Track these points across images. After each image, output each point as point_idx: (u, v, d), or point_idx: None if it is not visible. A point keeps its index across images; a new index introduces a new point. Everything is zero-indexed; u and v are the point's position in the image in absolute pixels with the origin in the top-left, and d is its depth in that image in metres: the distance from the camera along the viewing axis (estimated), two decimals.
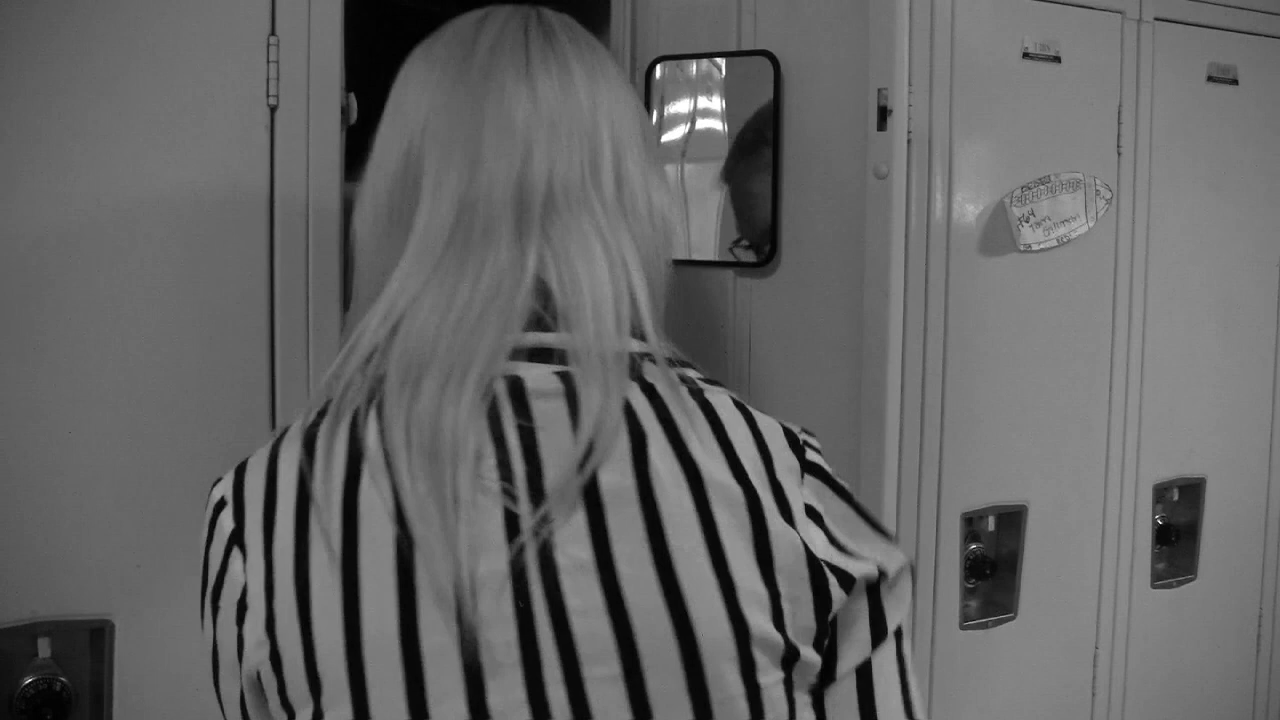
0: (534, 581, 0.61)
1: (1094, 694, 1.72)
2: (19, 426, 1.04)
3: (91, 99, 1.05)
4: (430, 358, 0.64)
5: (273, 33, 1.10)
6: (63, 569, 1.06)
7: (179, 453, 1.09)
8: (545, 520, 0.61)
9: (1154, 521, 1.76)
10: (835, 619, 0.67)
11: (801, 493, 0.68)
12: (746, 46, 1.37)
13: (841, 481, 0.71)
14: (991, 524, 1.63)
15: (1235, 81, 1.75)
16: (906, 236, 1.47)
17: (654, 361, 0.69)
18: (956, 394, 1.55)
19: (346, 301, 1.17)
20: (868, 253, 1.40)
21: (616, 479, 0.63)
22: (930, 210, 1.51)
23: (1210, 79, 1.73)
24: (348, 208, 1.15)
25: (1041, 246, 1.59)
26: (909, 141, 1.45)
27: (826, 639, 0.67)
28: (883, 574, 0.69)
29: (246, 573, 0.64)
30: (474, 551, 0.61)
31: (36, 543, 1.05)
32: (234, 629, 0.64)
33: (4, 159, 1.03)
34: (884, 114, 1.30)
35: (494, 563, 0.61)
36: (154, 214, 1.08)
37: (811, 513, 0.68)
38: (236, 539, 0.65)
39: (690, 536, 0.63)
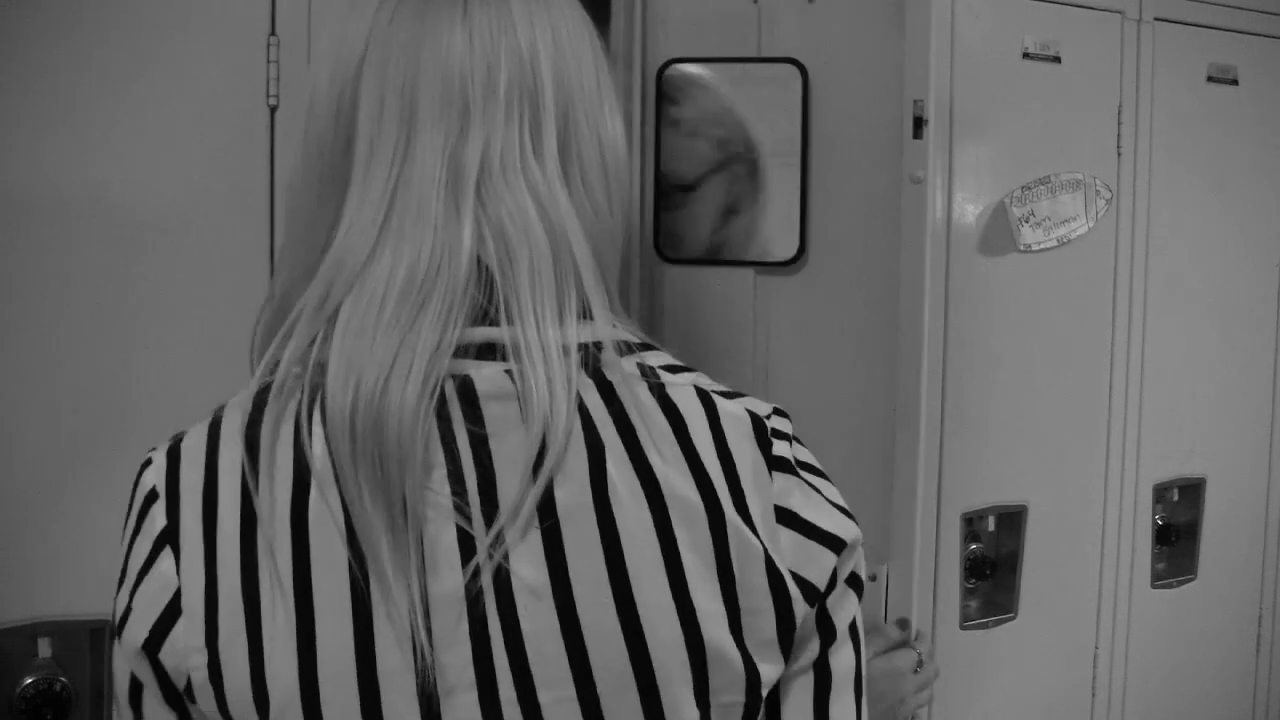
0: (489, 604, 0.59)
1: (1094, 694, 1.72)
2: (19, 427, 1.04)
3: (92, 99, 1.05)
4: (368, 354, 0.59)
5: (273, 33, 1.10)
6: (63, 569, 1.06)
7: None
8: (499, 540, 0.59)
9: (1154, 521, 1.76)
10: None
11: (770, 493, 0.64)
12: (764, 53, 1.37)
13: (811, 462, 0.68)
14: (991, 524, 1.63)
15: (1235, 81, 1.75)
16: (929, 238, 1.46)
17: (612, 350, 0.64)
18: (956, 394, 1.55)
19: None
20: (904, 255, 1.42)
21: (573, 496, 0.60)
22: (930, 210, 1.51)
23: (1210, 79, 1.73)
24: None
25: (1041, 246, 1.59)
26: (929, 135, 1.44)
27: (786, 655, 0.64)
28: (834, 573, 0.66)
29: (181, 576, 0.61)
30: (428, 571, 0.59)
31: (36, 543, 1.05)
32: (147, 626, 0.61)
33: (4, 159, 1.03)
34: (919, 123, 1.37)
35: (448, 583, 0.59)
36: (154, 214, 1.08)
37: (781, 514, 0.64)
38: (169, 538, 0.61)
39: (648, 556, 0.60)
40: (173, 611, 0.60)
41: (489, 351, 0.62)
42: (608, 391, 0.63)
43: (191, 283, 1.09)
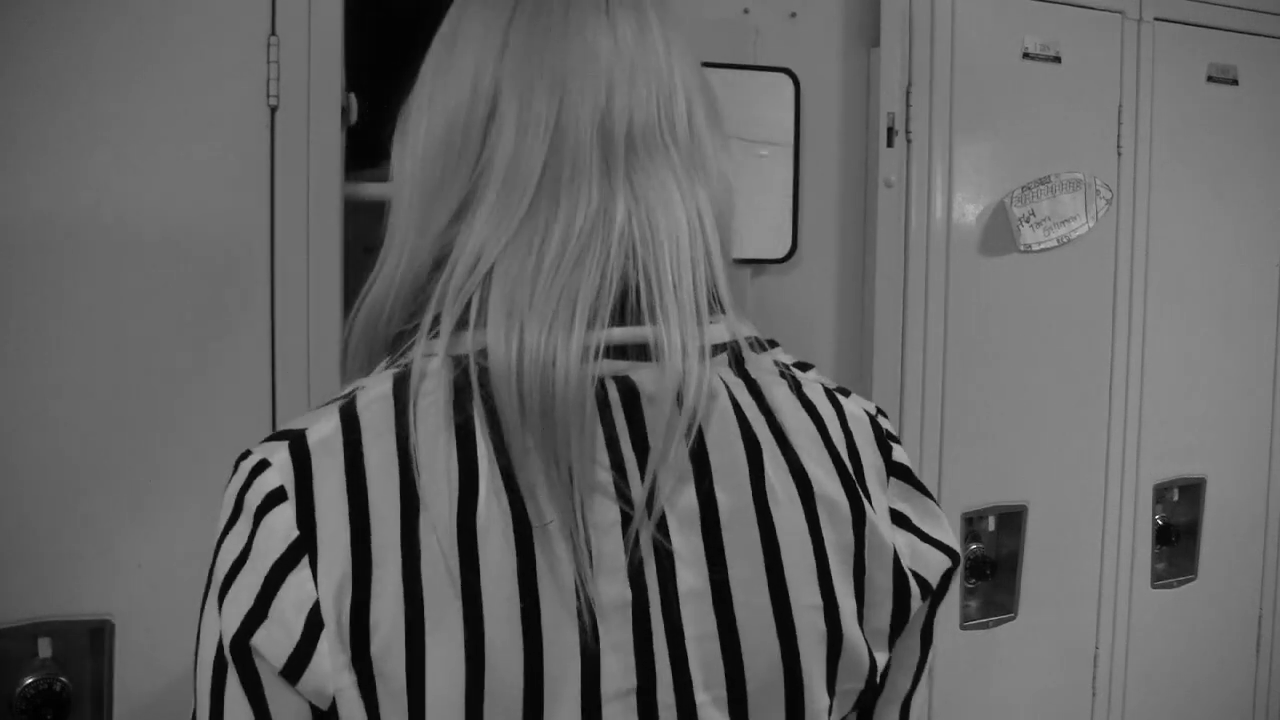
0: (654, 605, 0.59)
1: (1094, 694, 1.72)
2: (19, 427, 1.04)
3: (92, 99, 1.05)
4: (529, 306, 0.59)
5: (273, 33, 1.10)
6: (63, 569, 1.06)
7: (179, 453, 1.09)
8: (664, 535, 0.60)
9: (1154, 521, 1.76)
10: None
11: (887, 497, 0.68)
12: (756, 61, 1.41)
13: (912, 468, 0.72)
14: (991, 524, 1.63)
15: (1235, 81, 1.75)
16: (906, 238, 1.49)
17: (748, 348, 0.67)
18: (956, 394, 1.55)
19: (347, 300, 1.17)
20: (879, 256, 1.47)
21: (734, 499, 0.61)
22: (930, 211, 1.51)
23: (1210, 79, 1.73)
24: (348, 208, 1.16)
25: (1042, 246, 1.59)
26: (909, 143, 1.47)
27: (891, 645, 0.67)
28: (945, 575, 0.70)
29: (319, 587, 0.56)
30: (597, 575, 0.58)
31: (36, 543, 1.05)
32: (289, 649, 0.55)
33: (4, 158, 1.03)
34: (891, 134, 1.47)
35: (615, 587, 0.59)
36: (154, 214, 1.08)
37: (898, 517, 0.68)
38: (307, 546, 0.56)
39: (802, 558, 0.62)
40: (313, 626, 0.55)
41: (640, 353, 0.62)
42: (755, 390, 0.65)
43: (192, 283, 1.09)
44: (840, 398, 0.69)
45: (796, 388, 0.67)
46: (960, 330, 1.54)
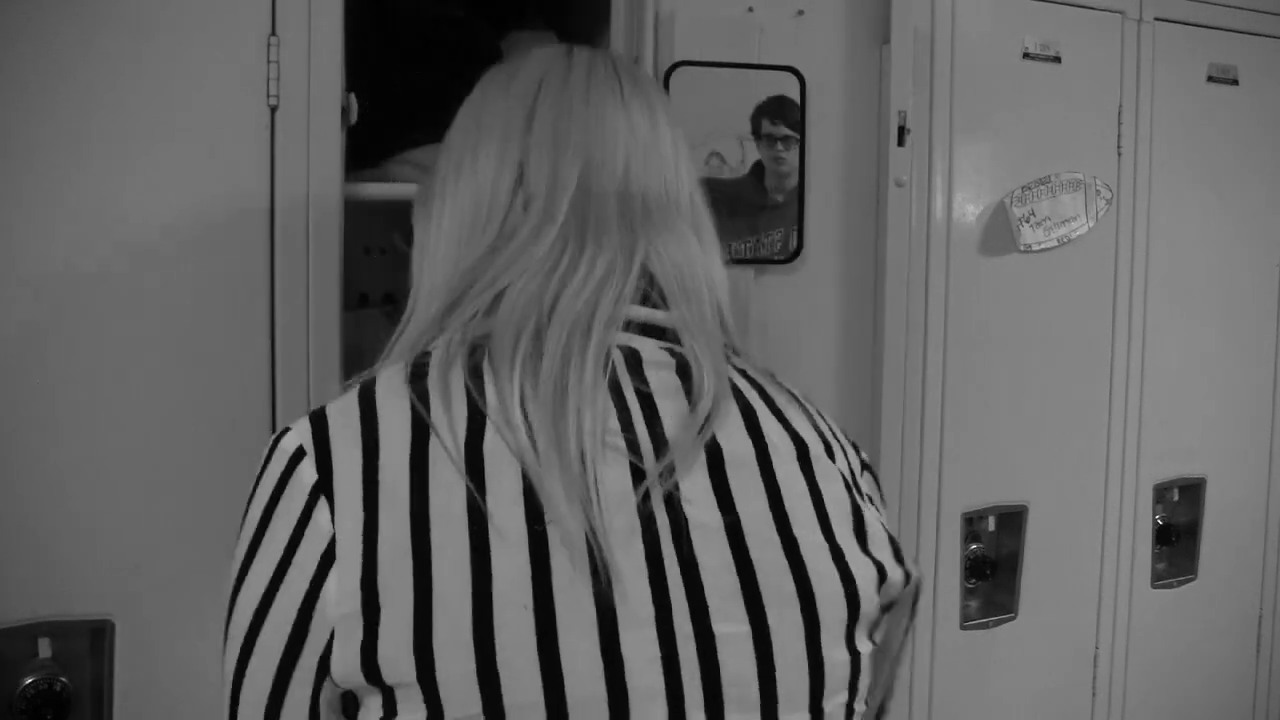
0: (664, 538, 0.62)
1: (1094, 694, 1.72)
2: (19, 427, 1.04)
3: (92, 100, 1.05)
4: (548, 318, 0.66)
5: (273, 33, 1.10)
6: (63, 569, 1.06)
7: (179, 452, 1.09)
8: (670, 471, 0.63)
9: (1154, 521, 1.76)
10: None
11: (863, 483, 0.74)
12: (761, 59, 1.40)
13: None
14: (991, 524, 1.63)
15: (1235, 81, 1.75)
16: (909, 238, 1.49)
17: (738, 354, 0.76)
18: (957, 394, 1.55)
19: (347, 303, 1.17)
20: (889, 255, 1.47)
21: (736, 444, 0.67)
22: (931, 210, 1.51)
23: (1210, 79, 1.73)
24: (349, 208, 1.16)
25: (1042, 246, 1.59)
26: (910, 143, 1.47)
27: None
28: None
29: (335, 523, 0.61)
30: (603, 504, 0.61)
31: (37, 543, 1.05)
32: (306, 582, 0.61)
33: (3, 161, 1.03)
34: (903, 133, 1.46)
35: (622, 517, 0.62)
36: (154, 214, 1.08)
37: (871, 502, 0.74)
38: (323, 489, 0.62)
39: (803, 503, 0.67)
40: (328, 559, 0.61)
41: (651, 331, 0.71)
42: (745, 375, 0.74)
43: (192, 283, 1.09)
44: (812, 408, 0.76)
45: (782, 387, 0.75)
46: (960, 330, 1.54)
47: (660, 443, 0.65)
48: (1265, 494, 1.87)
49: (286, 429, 0.66)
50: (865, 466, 0.77)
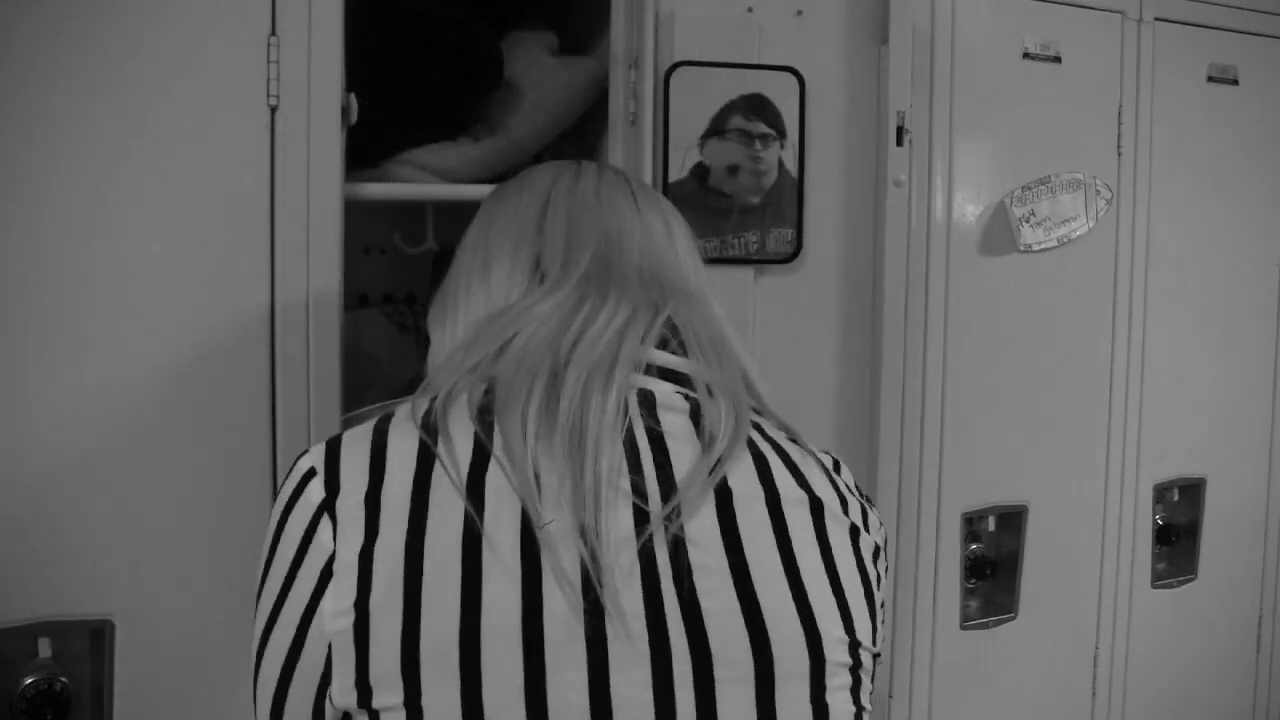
0: (665, 578, 0.61)
1: (1094, 694, 1.72)
2: (20, 427, 1.04)
3: (91, 100, 1.05)
4: (566, 359, 0.67)
5: (273, 33, 1.10)
6: (63, 569, 1.06)
7: (179, 453, 1.09)
8: (675, 514, 0.63)
9: (1154, 521, 1.76)
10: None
11: (873, 538, 0.74)
12: (760, 60, 1.40)
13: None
14: (991, 524, 1.63)
15: (1235, 81, 1.75)
16: (908, 238, 1.49)
17: (760, 414, 0.76)
18: (956, 394, 1.55)
19: (347, 303, 1.17)
20: (889, 255, 1.47)
21: (747, 487, 0.67)
22: (931, 210, 1.51)
23: (1210, 79, 1.73)
24: (349, 208, 1.16)
25: (1042, 246, 1.59)
26: (909, 143, 1.47)
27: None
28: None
29: (336, 541, 0.63)
30: (605, 542, 0.61)
31: (36, 543, 1.05)
32: (307, 597, 0.63)
33: (3, 161, 1.03)
34: (901, 133, 1.45)
35: (625, 557, 0.61)
36: (154, 214, 1.08)
37: (878, 554, 0.74)
38: (327, 507, 0.64)
39: (811, 550, 0.66)
40: (326, 575, 0.62)
41: (669, 376, 0.71)
42: (761, 430, 0.73)
43: (193, 282, 1.09)
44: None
45: (795, 441, 0.75)
46: (960, 330, 1.54)
47: (668, 485, 0.64)
48: (1265, 494, 1.87)
49: (306, 451, 0.69)
50: (879, 549, 0.76)
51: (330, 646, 0.61)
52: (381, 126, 1.22)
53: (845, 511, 0.71)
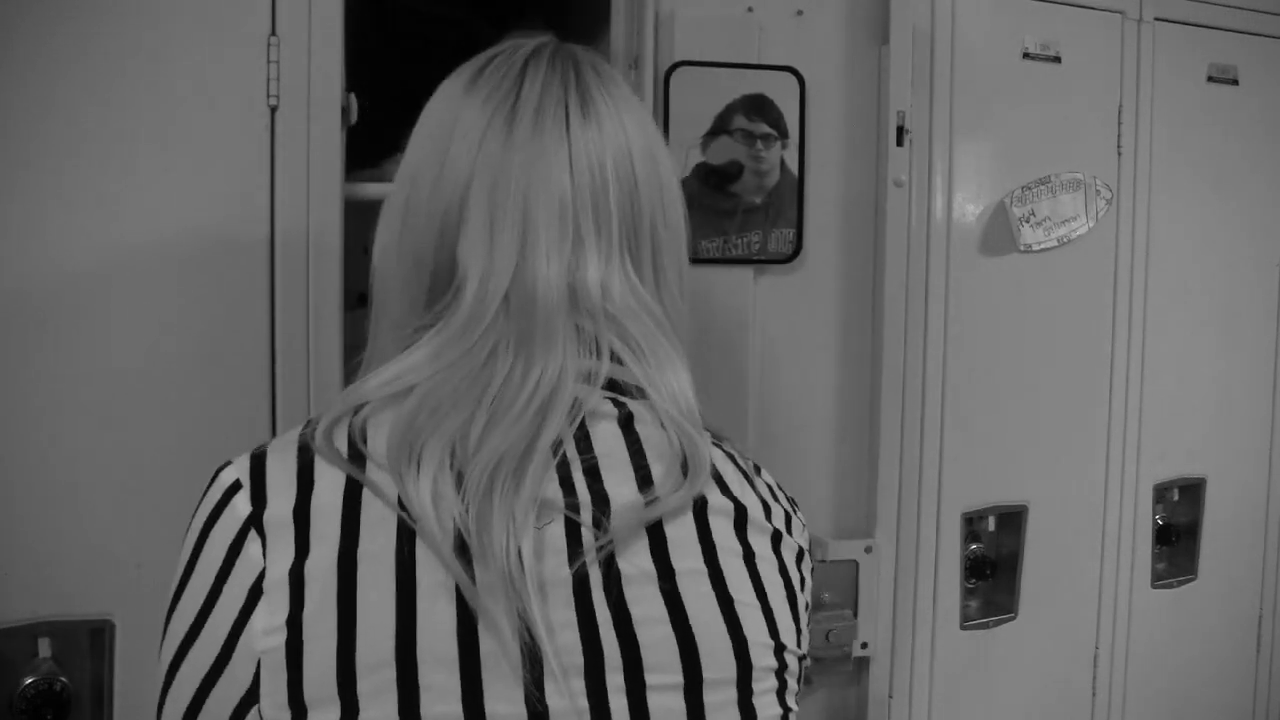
0: (596, 587, 0.61)
1: (1094, 694, 1.72)
2: (20, 427, 1.04)
3: (91, 100, 1.05)
4: (470, 424, 0.63)
5: (273, 33, 1.10)
6: (63, 569, 1.06)
7: (179, 453, 1.09)
8: (606, 529, 0.62)
9: (1154, 521, 1.76)
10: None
11: (796, 540, 0.74)
12: (761, 60, 1.40)
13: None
14: (991, 524, 1.63)
15: (1235, 81, 1.75)
16: (908, 238, 1.49)
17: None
18: (956, 394, 1.55)
19: (347, 303, 1.17)
20: (889, 255, 1.47)
21: (676, 500, 0.66)
22: (931, 210, 1.51)
23: (1210, 79, 1.73)
24: (349, 208, 1.16)
25: (1042, 246, 1.59)
26: (909, 143, 1.47)
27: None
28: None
29: (266, 557, 0.61)
30: (536, 553, 0.60)
31: (36, 543, 1.05)
32: (235, 614, 0.61)
33: (4, 161, 1.03)
34: (902, 133, 1.45)
35: (556, 567, 0.61)
36: (154, 214, 1.08)
37: (801, 557, 0.74)
38: (254, 521, 0.62)
39: (736, 560, 0.66)
40: (255, 593, 0.61)
41: (611, 386, 0.69)
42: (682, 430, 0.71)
43: (193, 283, 1.09)
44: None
45: (720, 447, 0.73)
46: (960, 330, 1.54)
47: (601, 501, 0.63)
48: (1265, 494, 1.87)
49: (228, 463, 0.67)
50: (803, 551, 0.75)
51: (259, 664, 0.60)
52: (381, 126, 1.22)
53: (768, 518, 0.71)
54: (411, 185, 0.74)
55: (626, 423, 0.68)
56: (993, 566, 1.62)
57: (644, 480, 0.65)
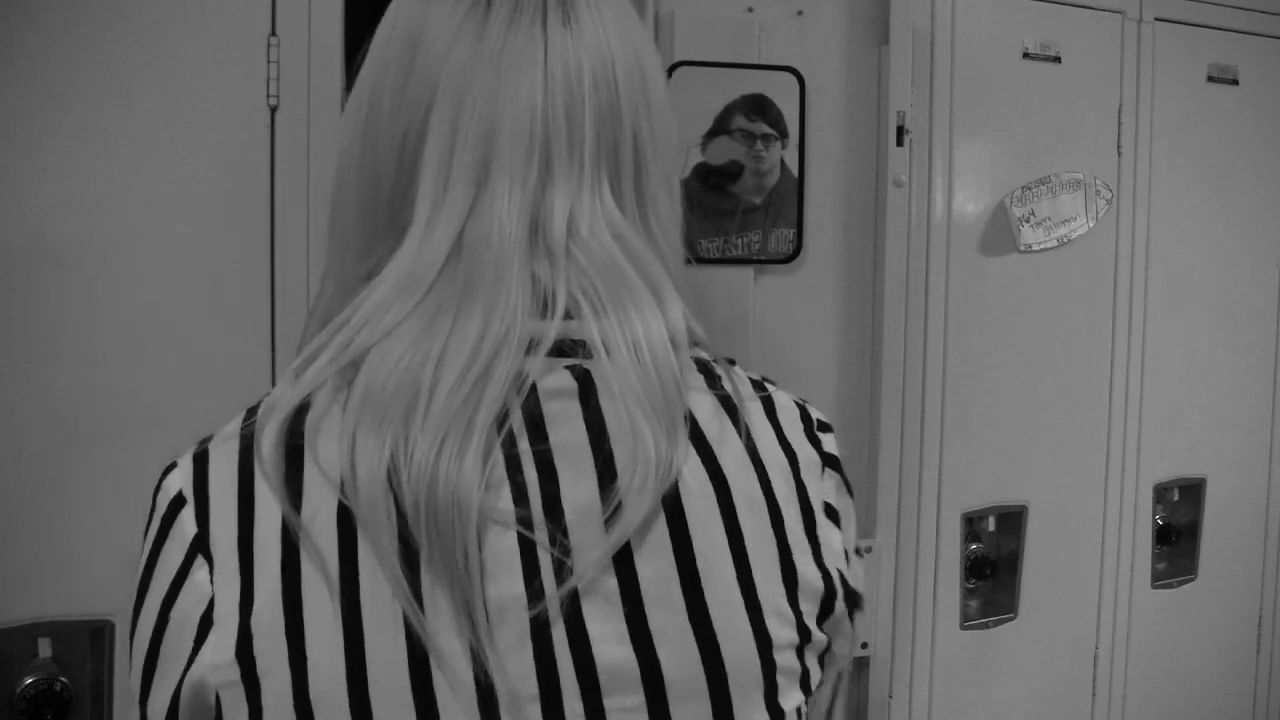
0: (552, 610, 0.56)
1: (1094, 694, 1.72)
2: (20, 427, 1.04)
3: (92, 100, 1.05)
4: (412, 408, 0.56)
5: (273, 33, 1.10)
6: (63, 569, 1.06)
7: (179, 452, 1.09)
8: (564, 547, 0.56)
9: (1154, 521, 1.76)
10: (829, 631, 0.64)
11: (822, 488, 0.64)
12: (761, 60, 1.41)
13: (840, 458, 0.68)
14: (991, 524, 1.63)
15: (1235, 81, 1.75)
16: (908, 238, 1.49)
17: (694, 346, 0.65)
18: (956, 394, 1.55)
19: None
20: (889, 255, 1.47)
21: (639, 498, 0.58)
22: (931, 210, 1.51)
23: (1210, 79, 1.73)
24: None
25: (1042, 246, 1.59)
26: (909, 143, 1.47)
27: (823, 652, 0.64)
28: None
29: (214, 586, 0.57)
30: (486, 578, 0.55)
31: (36, 543, 1.05)
32: (189, 643, 0.57)
33: (5, 161, 1.03)
34: (902, 133, 1.46)
35: (507, 590, 0.56)
36: (155, 215, 1.08)
37: (830, 512, 0.64)
38: (200, 546, 0.58)
39: (718, 551, 0.59)
40: (206, 623, 0.57)
41: (564, 349, 0.60)
42: (712, 381, 0.63)
43: (193, 283, 1.09)
44: (770, 390, 0.66)
45: (725, 398, 0.64)
46: (960, 330, 1.54)
47: (555, 508, 0.57)
48: (1265, 494, 1.87)
49: (174, 465, 0.62)
50: (828, 461, 0.65)
51: (218, 698, 0.56)
52: None
53: (767, 482, 0.61)
54: (369, 105, 0.65)
55: (586, 395, 0.59)
56: (993, 566, 1.62)
57: (605, 471, 0.57)
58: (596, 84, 0.63)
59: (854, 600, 0.64)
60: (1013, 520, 1.63)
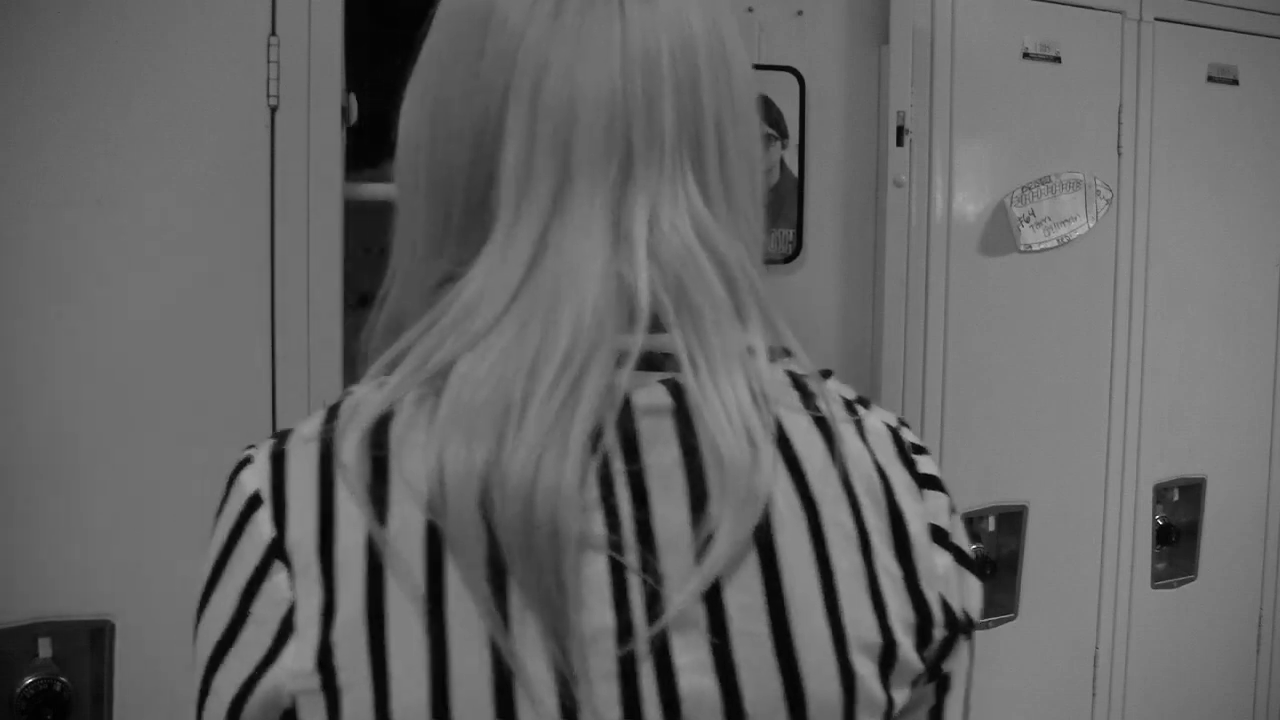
0: (639, 635, 0.55)
1: (1094, 694, 1.72)
2: (20, 427, 1.04)
3: (92, 100, 1.05)
4: (504, 422, 0.54)
5: (273, 33, 1.10)
6: (63, 569, 1.06)
7: (179, 453, 1.09)
8: (657, 575, 0.55)
9: (1154, 521, 1.76)
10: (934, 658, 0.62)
11: (924, 509, 0.63)
12: (762, 60, 1.41)
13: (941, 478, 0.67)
14: (991, 524, 1.63)
15: (1235, 81, 1.75)
16: (908, 238, 1.49)
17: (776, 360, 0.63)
18: (956, 394, 1.55)
19: (347, 303, 1.17)
20: (889, 255, 1.47)
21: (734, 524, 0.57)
22: (931, 210, 1.51)
23: (1210, 79, 1.73)
24: (349, 208, 1.16)
25: (1042, 246, 1.59)
26: (909, 143, 1.47)
27: (923, 679, 0.62)
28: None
29: (295, 591, 0.55)
30: (577, 603, 0.54)
31: (36, 543, 1.05)
32: (265, 643, 0.56)
33: (5, 161, 1.03)
34: (902, 133, 1.46)
35: (598, 615, 0.55)
36: (155, 215, 1.08)
37: (937, 533, 0.63)
38: (277, 550, 0.56)
39: (807, 581, 0.57)
40: (286, 628, 0.55)
41: (653, 362, 0.58)
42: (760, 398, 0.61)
43: (193, 283, 1.09)
44: (860, 411, 0.65)
45: (811, 402, 0.62)
46: (960, 330, 1.54)
47: (647, 535, 0.55)
48: (1265, 494, 1.87)
49: (248, 459, 0.60)
50: (924, 482, 0.64)
51: (296, 703, 0.55)
52: (382, 126, 1.22)
53: (856, 508, 0.60)
54: (436, 97, 0.63)
55: (680, 413, 0.57)
56: (993, 566, 1.62)
57: (697, 495, 0.56)
58: (675, 61, 0.60)
59: (955, 624, 0.62)
60: (1013, 520, 1.63)
